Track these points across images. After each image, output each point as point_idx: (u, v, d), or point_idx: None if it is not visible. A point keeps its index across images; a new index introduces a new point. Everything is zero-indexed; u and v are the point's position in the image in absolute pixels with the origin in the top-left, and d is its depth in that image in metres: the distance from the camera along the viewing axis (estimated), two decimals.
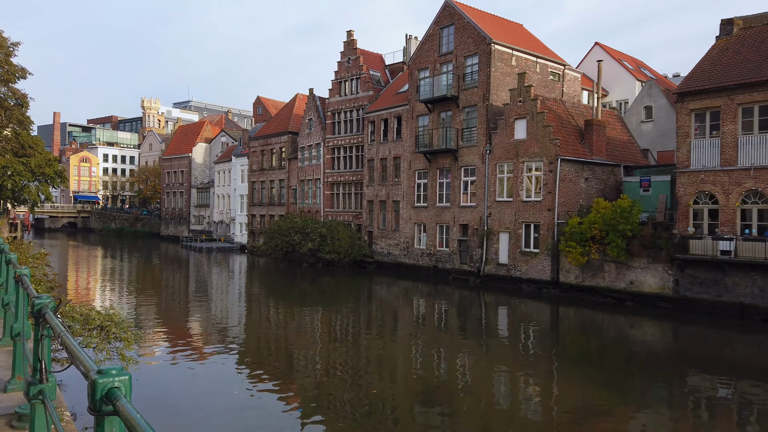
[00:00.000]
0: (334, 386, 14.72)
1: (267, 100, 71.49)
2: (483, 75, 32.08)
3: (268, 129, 53.76)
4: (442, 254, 34.40)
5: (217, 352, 18.15)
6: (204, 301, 29.63)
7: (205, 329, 22.32)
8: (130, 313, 24.45)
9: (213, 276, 39.65)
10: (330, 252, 38.46)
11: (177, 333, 21.57)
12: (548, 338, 22.22)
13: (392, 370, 16.86)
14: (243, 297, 31.53)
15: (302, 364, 17.05)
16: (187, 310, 26.95)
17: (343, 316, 25.89)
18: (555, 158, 28.44)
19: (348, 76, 42.93)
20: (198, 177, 70.09)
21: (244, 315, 26.21)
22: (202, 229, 67.57)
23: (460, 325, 24.08)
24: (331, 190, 44.33)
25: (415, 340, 20.81)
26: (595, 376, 16.41)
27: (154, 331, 21.49)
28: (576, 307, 26.34)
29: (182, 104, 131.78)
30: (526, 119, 29.80)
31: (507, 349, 19.88)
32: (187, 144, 71.71)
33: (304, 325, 23.49)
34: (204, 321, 24.16)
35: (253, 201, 55.06)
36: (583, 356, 19.21)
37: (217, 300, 30.30)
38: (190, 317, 25.20)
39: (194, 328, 22.98)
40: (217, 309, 27.30)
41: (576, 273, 27.09)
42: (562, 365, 17.72)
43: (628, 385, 15.68)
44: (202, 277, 38.93)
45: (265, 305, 28.94)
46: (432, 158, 34.92)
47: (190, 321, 24.37)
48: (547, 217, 28.72)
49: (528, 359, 18.38)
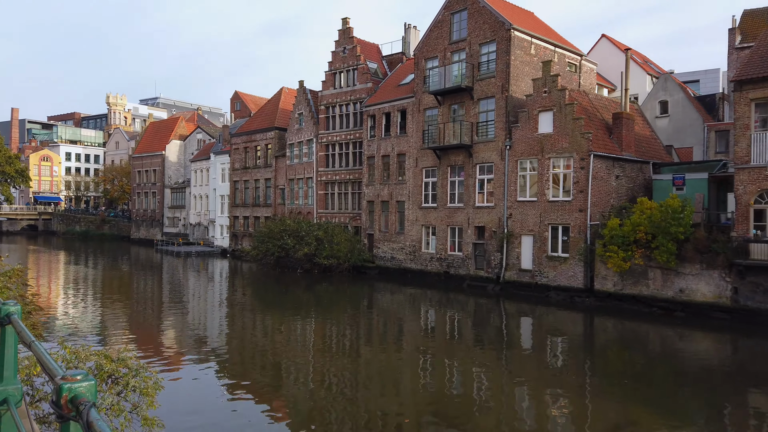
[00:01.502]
0: (329, 402, 13.46)
1: (246, 95, 67.65)
2: (501, 64, 29.43)
3: (252, 125, 50.17)
4: (455, 259, 31.62)
5: (196, 361, 16.88)
6: (186, 311, 26.68)
7: (188, 340, 20.34)
8: (98, 324, 22.39)
9: (194, 283, 36.03)
10: (327, 257, 35.33)
11: (155, 343, 19.39)
12: (581, 351, 19.86)
13: (396, 384, 15.09)
14: (229, 306, 28.51)
15: (294, 377, 15.63)
16: (167, 321, 24.18)
17: (342, 326, 23.44)
18: (587, 154, 25.96)
19: (343, 67, 39.81)
20: (172, 176, 65.82)
21: (230, 325, 23.62)
22: (177, 231, 63.37)
23: (477, 337, 21.68)
24: (325, 189, 41.11)
25: (424, 353, 18.59)
26: (637, 394, 14.34)
27: (127, 341, 19.15)
28: (614, 318, 23.90)
29: (150, 101, 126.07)
30: (552, 111, 27.25)
31: (531, 362, 17.69)
32: (159, 141, 67.32)
33: (297, 335, 21.27)
34: (186, 331, 21.88)
35: (236, 202, 51.36)
36: (624, 371, 17.02)
37: (201, 309, 27.34)
38: (171, 328, 22.74)
39: (176, 338, 20.85)
40: (200, 319, 24.71)
41: (614, 280, 24.63)
42: (598, 381, 15.88)
43: (677, 404, 13.68)
44: (183, 285, 35.30)
45: (257, 315, 25.73)
46: (442, 155, 32.13)
47: (171, 331, 22.03)
48: (578, 219, 26.21)
49: (556, 374, 16.34)
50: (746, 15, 40.04)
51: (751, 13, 40.05)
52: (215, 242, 54.30)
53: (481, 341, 20.91)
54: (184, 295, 31.95)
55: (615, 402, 13.94)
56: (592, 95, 30.99)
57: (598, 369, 17.40)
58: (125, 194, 77.52)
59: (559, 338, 21.48)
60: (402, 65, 39.85)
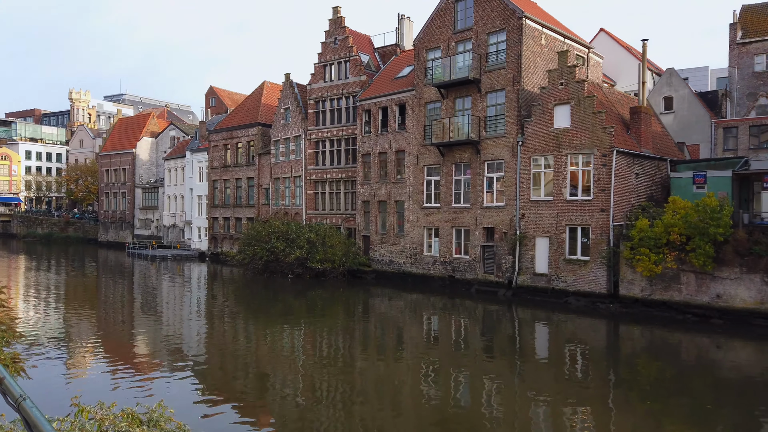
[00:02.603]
0: (321, 416, 12.38)
1: (221, 90, 64.68)
2: (512, 54, 27.61)
3: (232, 120, 47.37)
4: (461, 262, 29.69)
5: (171, 371, 15.75)
6: (160, 319, 24.57)
7: (162, 349, 18.96)
8: (61, 334, 20.74)
9: (170, 289, 33.21)
10: (321, 261, 33.01)
11: (125, 353, 17.89)
12: (604, 361, 18.22)
13: (396, 397, 13.90)
14: (210, 313, 26.20)
15: (281, 389, 14.47)
16: (139, 329, 22.29)
17: (336, 334, 21.73)
18: (609, 150, 24.32)
19: (334, 59, 37.49)
20: (144, 175, 62.32)
21: (210, 334, 21.80)
22: (149, 234, 59.95)
23: (486, 345, 19.97)
24: (315, 189, 38.72)
25: (426, 362, 17.23)
26: (670, 408, 13.19)
27: (94, 351, 17.99)
28: (642, 325, 22.28)
29: (115, 97, 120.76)
30: (569, 105, 25.55)
31: (548, 373, 16.27)
32: (129, 138, 63.70)
33: (285, 345, 19.83)
34: (160, 340, 20.42)
35: (215, 202, 48.46)
36: (654, 383, 15.58)
37: (177, 317, 25.17)
38: (143, 336, 21.29)
39: (149, 347, 19.53)
40: (177, 327, 23.09)
41: (642, 285, 23.02)
42: (623, 394, 14.58)
43: (715, 418, 12.62)
44: (157, 291, 32.48)
45: (242, 323, 23.46)
46: (446, 151, 30.16)
47: (142, 340, 20.61)
48: (600, 219, 24.55)
49: (576, 385, 15.05)
50: (745, 10, 39.33)
51: (750, 8, 39.36)
52: (192, 245, 51.26)
53: (490, 350, 19.32)
54: (158, 302, 29.52)
55: (643, 416, 12.71)
56: (605, 89, 29.47)
57: (624, 380, 15.93)
58: (91, 195, 73.42)
59: (579, 347, 19.83)
60: (396, 57, 37.77)
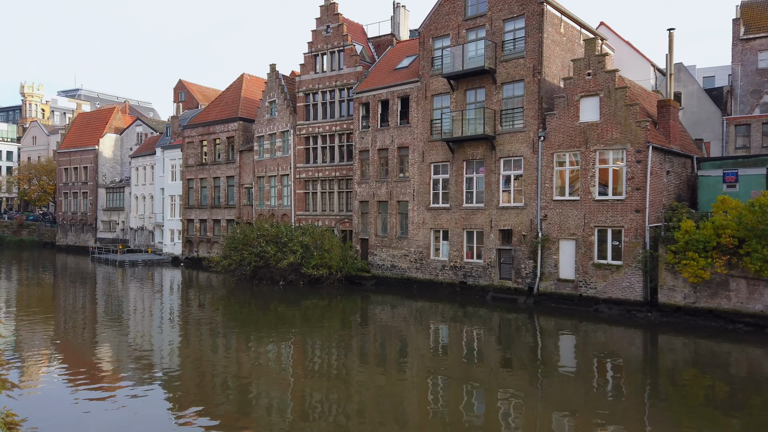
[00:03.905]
0: None
1: (192, 84, 60.95)
2: (532, 42, 25.57)
3: (209, 115, 44.02)
4: (474, 267, 27.46)
5: (137, 383, 14.75)
6: (126, 329, 22.35)
7: (127, 360, 17.73)
8: (10, 343, 18.78)
9: (140, 297, 29.81)
10: (317, 266, 30.28)
11: (85, 364, 16.19)
12: (639, 374, 16.51)
13: (400, 413, 12.67)
14: (188, 323, 23.55)
15: (267, 404, 13.27)
16: (102, 338, 19.93)
17: (332, 344, 19.81)
18: (645, 145, 22.49)
19: (327, 48, 34.78)
20: (107, 174, 58.04)
21: (185, 344, 19.93)
22: (114, 237, 55.78)
23: (504, 357, 18.11)
24: (305, 188, 35.89)
25: (435, 375, 15.84)
26: (720, 429, 11.98)
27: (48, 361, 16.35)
28: (685, 335, 20.47)
29: (70, 93, 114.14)
30: (598, 97, 23.65)
31: (574, 387, 14.85)
32: (91, 135, 59.27)
33: (273, 356, 18.49)
34: (126, 351, 19.04)
35: (190, 203, 44.97)
36: (700, 399, 14.12)
37: (146, 326, 22.79)
38: (106, 346, 19.61)
39: (113, 358, 18.32)
40: (145, 337, 20.86)
41: (685, 292, 21.23)
42: (663, 411, 13.07)
43: None
44: (125, 299, 29.10)
45: (224, 335, 20.76)
46: (457, 147, 27.90)
47: (106, 351, 19.10)
48: (634, 220, 22.69)
49: (607, 402, 13.75)
50: (745, 6, 38.59)
51: (750, 5, 38.68)
52: (164, 249, 47.56)
53: (508, 362, 17.47)
54: (125, 310, 26.68)
55: None
56: (626, 81, 27.72)
57: (664, 395, 14.43)
58: (46, 195, 68.35)
59: (610, 359, 17.98)
60: (393, 48, 35.34)
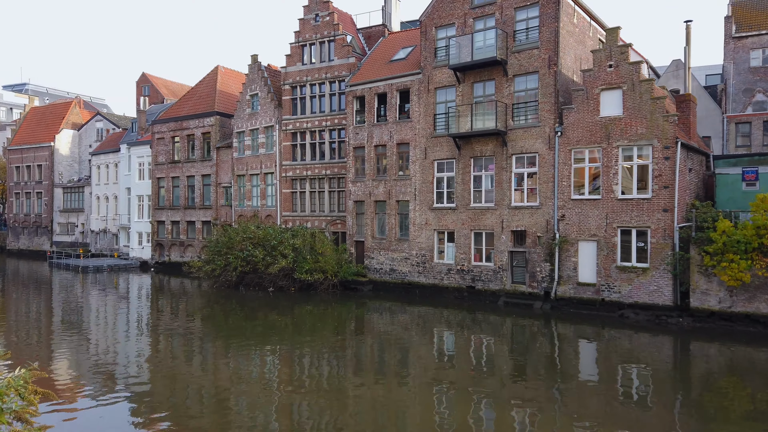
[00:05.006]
0: None
1: (156, 78, 57.45)
2: (547, 32, 24.11)
3: (181, 109, 41.05)
4: (483, 271, 25.83)
5: (100, 395, 13.80)
6: (88, 338, 20.28)
7: (88, 370, 16.78)
8: None
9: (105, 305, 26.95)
10: (311, 271, 28.10)
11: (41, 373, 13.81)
12: (669, 383, 15.40)
13: (400, 427, 11.78)
14: (163, 334, 21.13)
15: (249, 417, 12.32)
16: (60, 347, 17.81)
17: (328, 353, 18.25)
18: (674, 141, 21.30)
19: (315, 38, 32.57)
20: (64, 173, 54.00)
21: (155, 353, 18.46)
22: (72, 240, 51.86)
23: (517, 365, 16.84)
24: (292, 187, 33.56)
25: (440, 385, 14.67)
26: None
27: None
28: (720, 342, 19.31)
29: (17, 87, 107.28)
30: (621, 90, 22.35)
31: (596, 397, 13.95)
32: (46, 131, 55.06)
33: (258, 367, 17.23)
34: (89, 360, 17.82)
35: (161, 203, 41.87)
36: (737, 409, 13.12)
37: (111, 336, 20.32)
38: (64, 354, 18.24)
39: (72, 368, 17.15)
40: (110, 346, 18.42)
41: (720, 296, 20.09)
42: (695, 422, 12.39)
43: None
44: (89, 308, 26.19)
45: (203, 344, 18.42)
46: (464, 144, 26.22)
47: (63, 360, 17.83)
48: (662, 220, 21.47)
49: (632, 412, 12.80)
50: (736, 5, 38.44)
51: (742, 3, 38.55)
52: (131, 253, 44.21)
53: (522, 371, 16.26)
54: (85, 320, 24.31)
55: None
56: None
57: (697, 405, 13.66)
58: None
59: (635, 367, 16.73)
60: (385, 39, 33.43)
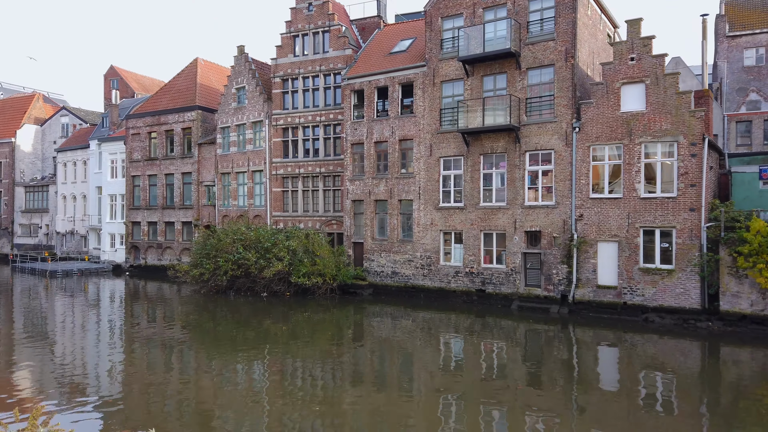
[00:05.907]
0: None
1: (126, 71, 54.54)
2: (564, 23, 23.05)
3: (159, 103, 38.65)
4: (494, 273, 24.59)
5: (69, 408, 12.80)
6: (61, 351, 17.90)
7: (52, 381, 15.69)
8: None
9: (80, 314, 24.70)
10: (308, 275, 26.39)
11: None
12: (696, 389, 14.71)
13: None
14: (142, 343, 19.20)
15: (236, 429, 11.54)
16: (23, 357, 15.46)
17: (326, 362, 17.24)
18: (701, 137, 20.46)
19: (309, 28, 30.84)
20: (26, 171, 50.62)
21: (130, 363, 16.88)
22: (35, 243, 48.59)
23: (532, 372, 15.92)
24: (284, 186, 31.70)
25: (446, 395, 13.81)
26: None
27: None
28: (752, 346, 18.55)
29: None
30: (643, 84, 21.42)
31: (617, 404, 13.28)
32: (5, 126, 51.56)
33: (245, 376, 16.24)
34: (56, 370, 16.66)
35: (136, 203, 39.33)
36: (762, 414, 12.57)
37: (97, 351, 18.25)
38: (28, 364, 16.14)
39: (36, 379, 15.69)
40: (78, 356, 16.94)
41: (753, 298, 19.31)
42: (725, 429, 11.83)
43: None
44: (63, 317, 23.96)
45: (188, 354, 16.74)
46: (473, 140, 24.95)
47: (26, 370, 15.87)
48: (688, 220, 20.60)
49: (656, 421, 12.12)
50: (728, 4, 38.43)
51: (735, 2, 38.55)
52: (103, 256, 41.45)
53: (537, 378, 15.43)
54: (50, 328, 22.38)
55: None
56: None
57: (727, 412, 12.99)
58: None
59: (660, 373, 15.83)
60: (381, 31, 31.94)
